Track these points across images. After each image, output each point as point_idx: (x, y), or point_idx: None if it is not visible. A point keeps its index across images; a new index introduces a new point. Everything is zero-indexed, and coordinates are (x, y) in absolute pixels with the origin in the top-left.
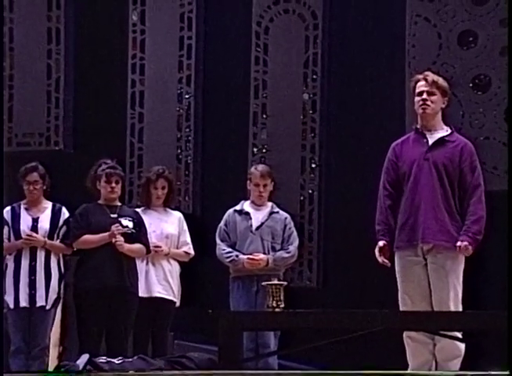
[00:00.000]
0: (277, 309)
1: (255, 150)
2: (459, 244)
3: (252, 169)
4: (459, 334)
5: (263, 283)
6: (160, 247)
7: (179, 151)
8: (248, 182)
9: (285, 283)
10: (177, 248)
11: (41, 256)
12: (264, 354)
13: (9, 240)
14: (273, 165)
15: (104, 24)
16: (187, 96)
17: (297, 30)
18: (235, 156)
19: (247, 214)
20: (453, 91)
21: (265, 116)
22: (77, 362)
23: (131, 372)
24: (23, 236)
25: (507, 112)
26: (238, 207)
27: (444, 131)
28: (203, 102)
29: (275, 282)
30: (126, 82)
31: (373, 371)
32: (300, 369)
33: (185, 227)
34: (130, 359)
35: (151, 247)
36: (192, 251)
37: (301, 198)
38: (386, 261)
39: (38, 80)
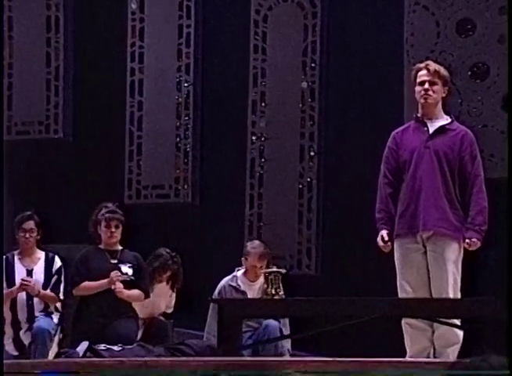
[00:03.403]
0: (276, 297)
1: (254, 138)
2: (467, 241)
3: (249, 248)
4: (457, 321)
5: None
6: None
7: (178, 139)
8: (243, 259)
9: (284, 270)
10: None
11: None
12: (263, 340)
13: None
14: (271, 156)
15: (103, 13)
16: (186, 85)
17: (295, 18)
18: (234, 144)
19: (244, 293)
20: (452, 79)
21: (263, 104)
22: (77, 349)
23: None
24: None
25: (504, 100)
26: (233, 283)
27: (444, 120)
28: (202, 90)
29: (274, 270)
30: (125, 70)
31: (372, 358)
32: (299, 356)
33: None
34: (130, 347)
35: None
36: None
37: (300, 186)
38: (388, 248)
39: (38, 68)
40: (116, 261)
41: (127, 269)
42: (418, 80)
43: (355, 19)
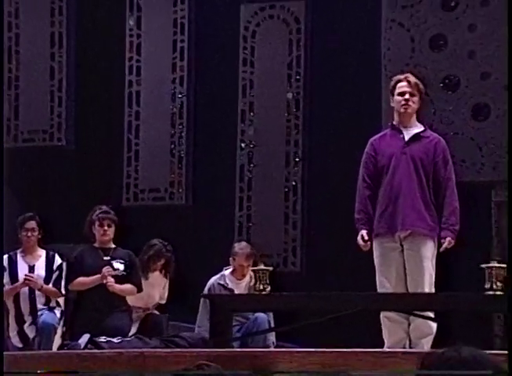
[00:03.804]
0: (264, 292)
1: (243, 145)
2: (446, 241)
3: (236, 249)
4: (431, 314)
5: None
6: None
7: (173, 146)
8: (231, 259)
9: (271, 268)
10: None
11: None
12: (251, 333)
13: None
14: (259, 161)
15: (103, 29)
16: (180, 96)
17: (281, 34)
18: (224, 150)
19: (231, 290)
20: (426, 90)
21: (252, 113)
22: (79, 341)
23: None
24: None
25: (474, 110)
26: (221, 281)
27: (418, 128)
28: (195, 100)
29: (262, 267)
30: (123, 82)
31: (352, 349)
32: (286, 347)
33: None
34: (128, 339)
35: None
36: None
37: (286, 189)
38: (368, 247)
39: (42, 81)
40: (108, 258)
41: (119, 265)
42: (398, 90)
43: (336, 35)
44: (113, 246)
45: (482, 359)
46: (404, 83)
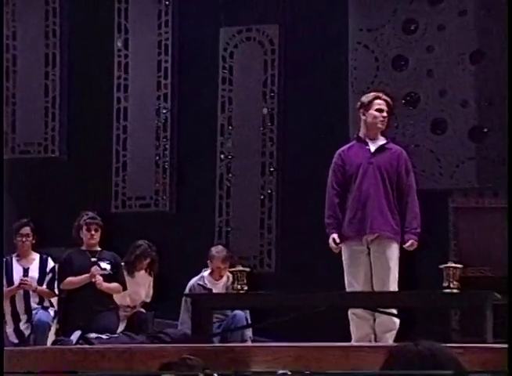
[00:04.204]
0: (241, 291)
1: (222, 156)
2: (408, 244)
3: (213, 252)
4: (394, 311)
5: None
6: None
7: (158, 158)
8: (209, 261)
9: (248, 269)
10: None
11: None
12: (230, 329)
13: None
14: (237, 171)
15: (93, 50)
16: (164, 111)
17: (257, 54)
18: (205, 161)
19: (210, 290)
20: None
21: (230, 127)
22: (71, 337)
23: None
24: (16, 284)
25: (433, 124)
26: (201, 282)
27: (382, 140)
28: (178, 116)
29: (240, 268)
30: (112, 99)
31: (322, 343)
32: (262, 341)
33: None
34: (116, 335)
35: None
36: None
37: (262, 197)
38: (339, 249)
39: (37, 97)
40: (95, 259)
41: (105, 265)
42: (376, 107)
43: (307, 55)
44: (99, 248)
45: (438, 352)
46: (381, 101)
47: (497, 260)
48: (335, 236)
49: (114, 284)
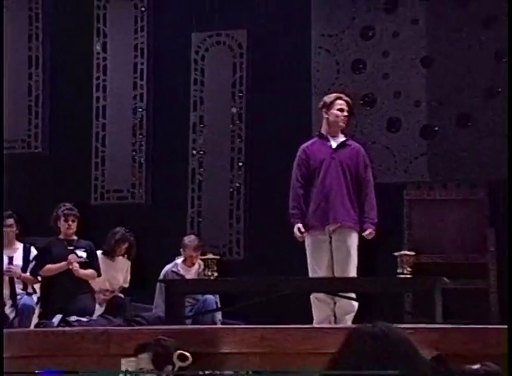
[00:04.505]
0: (212, 277)
1: (194, 152)
2: (367, 232)
3: (186, 241)
4: (353, 295)
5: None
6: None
7: (134, 153)
8: (182, 250)
9: (218, 256)
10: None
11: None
12: (201, 312)
13: None
14: (208, 166)
15: (74, 53)
16: (140, 110)
17: (226, 58)
18: (178, 157)
19: (183, 276)
20: None
21: (202, 125)
22: (53, 320)
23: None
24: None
25: (388, 123)
26: (174, 269)
27: (342, 137)
28: (154, 114)
29: (210, 256)
30: (92, 98)
31: (286, 325)
32: (230, 324)
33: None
34: (95, 318)
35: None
36: None
37: (231, 190)
38: (303, 238)
39: (21, 97)
40: (72, 247)
41: (81, 253)
42: (338, 106)
43: (273, 59)
44: (76, 238)
45: (391, 332)
46: (343, 101)
47: (447, 248)
48: (300, 225)
49: (90, 271)
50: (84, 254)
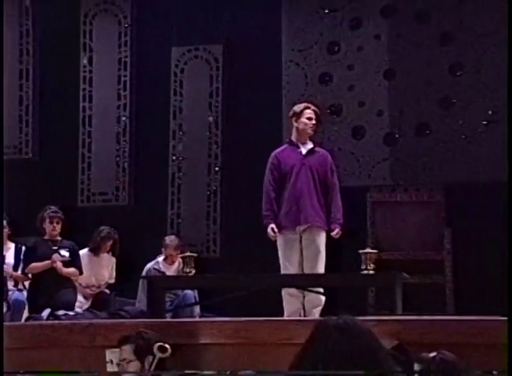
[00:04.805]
0: (190, 274)
1: (174, 157)
2: (334, 232)
3: (167, 241)
4: (321, 290)
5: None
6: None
7: (118, 159)
8: (163, 249)
9: (196, 254)
10: None
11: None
12: (181, 306)
13: None
14: (187, 171)
15: (62, 66)
16: (124, 118)
17: (204, 70)
18: (159, 162)
19: (164, 273)
20: None
21: (181, 133)
22: (42, 314)
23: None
24: None
25: (353, 131)
26: (156, 266)
27: (311, 144)
28: (136, 123)
29: (189, 254)
30: (78, 108)
31: (258, 318)
32: (208, 317)
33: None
34: (81, 312)
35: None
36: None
37: (208, 193)
38: (276, 238)
39: (13, 107)
40: (56, 247)
41: (65, 252)
42: (307, 115)
43: (247, 71)
44: (60, 238)
45: (354, 325)
46: (311, 111)
47: (407, 246)
48: (273, 226)
49: (72, 269)
50: (67, 254)
